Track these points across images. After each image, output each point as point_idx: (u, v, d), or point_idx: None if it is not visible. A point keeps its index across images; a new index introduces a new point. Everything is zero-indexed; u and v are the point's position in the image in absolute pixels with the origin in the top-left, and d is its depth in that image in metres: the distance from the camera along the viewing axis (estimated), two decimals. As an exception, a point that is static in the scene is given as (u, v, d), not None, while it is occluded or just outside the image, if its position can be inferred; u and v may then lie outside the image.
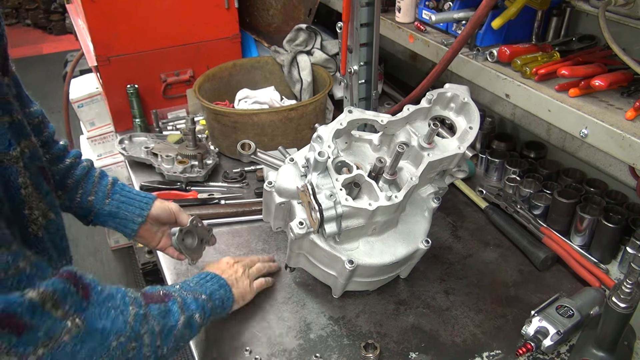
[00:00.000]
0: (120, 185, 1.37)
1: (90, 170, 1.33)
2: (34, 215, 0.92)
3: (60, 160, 1.28)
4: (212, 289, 1.21)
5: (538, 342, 1.24)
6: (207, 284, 1.21)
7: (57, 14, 7.72)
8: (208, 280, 1.23)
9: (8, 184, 0.86)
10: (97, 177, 1.34)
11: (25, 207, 0.90)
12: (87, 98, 3.03)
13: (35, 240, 0.93)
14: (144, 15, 2.16)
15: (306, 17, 2.24)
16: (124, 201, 1.34)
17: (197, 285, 1.19)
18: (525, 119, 1.78)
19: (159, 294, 1.01)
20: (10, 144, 0.86)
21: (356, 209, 1.20)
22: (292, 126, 1.94)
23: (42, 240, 0.94)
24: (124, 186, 1.38)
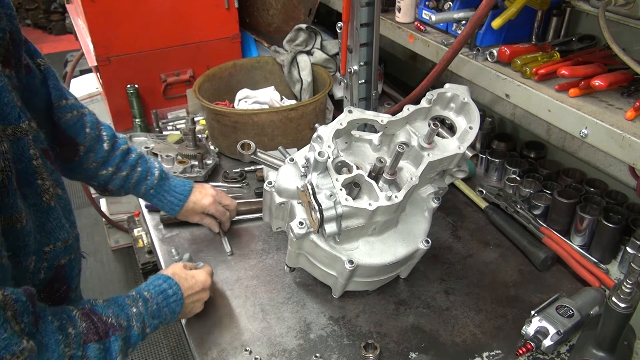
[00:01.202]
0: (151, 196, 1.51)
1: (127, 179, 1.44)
2: (46, 185, 0.96)
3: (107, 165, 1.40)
4: (166, 315, 1.18)
5: (538, 342, 1.24)
6: (165, 309, 1.17)
7: (57, 14, 7.71)
8: (170, 303, 1.19)
9: (22, 155, 0.90)
10: (132, 186, 1.46)
11: (38, 177, 0.94)
12: (87, 98, 3.03)
13: (48, 210, 0.97)
14: (144, 15, 2.16)
15: (306, 17, 2.24)
16: (156, 203, 1.53)
17: (155, 311, 1.14)
18: (525, 119, 1.78)
19: (104, 327, 0.98)
20: (20, 116, 0.90)
21: (356, 209, 1.20)
22: (292, 126, 1.94)
23: (55, 210, 0.99)
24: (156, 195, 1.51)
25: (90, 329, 0.95)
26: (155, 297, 1.15)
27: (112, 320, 1.00)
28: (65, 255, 1.03)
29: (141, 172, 1.46)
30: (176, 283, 1.22)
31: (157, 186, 1.50)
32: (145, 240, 3.13)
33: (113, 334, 0.99)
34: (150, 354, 2.96)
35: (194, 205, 1.56)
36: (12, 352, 0.77)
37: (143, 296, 1.13)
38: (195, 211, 1.57)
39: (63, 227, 1.01)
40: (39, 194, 0.95)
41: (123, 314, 1.04)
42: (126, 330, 1.03)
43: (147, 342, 3.02)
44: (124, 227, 3.42)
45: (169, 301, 1.19)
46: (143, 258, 3.07)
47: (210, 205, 1.57)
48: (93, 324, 0.96)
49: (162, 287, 1.19)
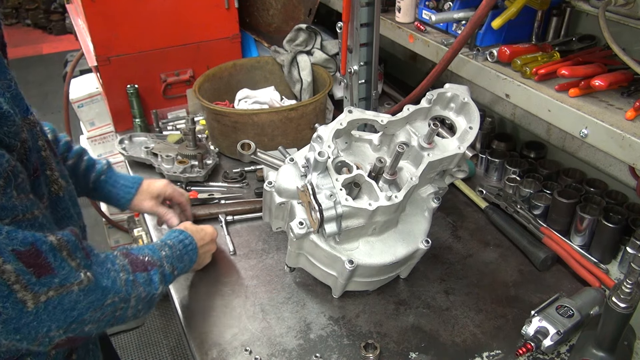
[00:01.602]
0: (102, 183, 1.49)
1: (75, 168, 1.43)
2: (55, 176, 1.00)
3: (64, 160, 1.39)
4: (187, 262, 1.30)
5: (538, 342, 1.24)
6: (185, 256, 1.29)
7: (57, 14, 7.72)
8: (189, 251, 1.31)
9: (33, 146, 0.94)
10: (81, 175, 1.45)
11: (47, 167, 0.98)
12: (87, 98, 3.03)
13: (57, 199, 1.02)
14: (144, 15, 2.16)
15: (306, 17, 2.24)
16: (105, 198, 1.53)
17: (179, 256, 1.26)
18: (525, 119, 1.78)
19: (143, 262, 1.10)
20: (28, 109, 0.95)
21: (356, 209, 1.20)
22: (292, 126, 1.94)
23: (64, 200, 1.03)
24: (105, 184, 1.50)
25: (133, 263, 1.07)
26: (177, 245, 1.27)
27: (149, 258, 1.12)
28: None
29: (88, 160, 1.47)
30: (190, 235, 1.34)
31: (109, 171, 1.51)
32: (145, 240, 3.13)
33: (152, 268, 1.11)
34: (150, 354, 2.96)
35: (148, 187, 1.55)
36: (72, 283, 0.89)
37: (167, 244, 1.25)
38: (151, 194, 1.55)
39: (72, 217, 1.06)
40: (48, 184, 0.98)
41: (156, 255, 1.16)
42: (161, 267, 1.14)
43: (147, 342, 3.03)
44: (124, 227, 3.42)
45: (188, 249, 1.30)
46: (143, 258, 3.06)
47: (166, 186, 1.58)
48: (134, 260, 1.08)
49: (179, 238, 1.31)
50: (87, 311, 0.93)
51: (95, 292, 0.93)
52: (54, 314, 0.87)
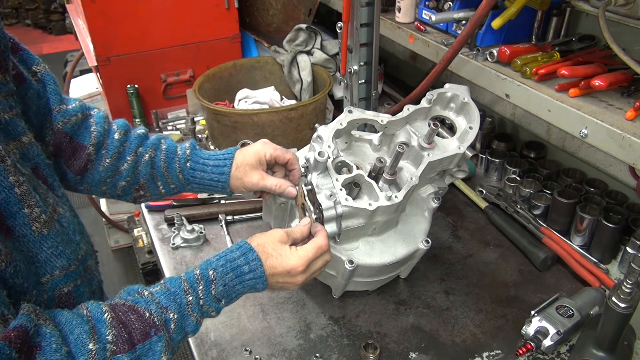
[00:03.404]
0: (190, 172, 1.24)
1: (154, 160, 1.23)
2: (35, 213, 0.85)
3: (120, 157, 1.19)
4: (239, 292, 1.02)
5: (538, 342, 1.24)
6: (237, 287, 1.01)
7: (57, 14, 7.72)
8: (245, 281, 1.01)
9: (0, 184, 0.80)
10: (164, 167, 1.23)
11: (24, 205, 0.83)
12: (87, 98, 3.04)
13: (40, 239, 0.86)
14: (144, 15, 2.16)
15: (306, 17, 2.24)
16: (203, 187, 1.26)
17: (222, 292, 0.99)
18: (525, 119, 1.78)
19: (143, 328, 0.86)
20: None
21: (356, 209, 1.20)
22: (292, 126, 1.94)
23: (49, 238, 0.88)
24: (194, 172, 1.24)
25: (121, 336, 0.83)
26: (222, 277, 0.98)
27: (155, 318, 0.88)
28: (68, 283, 0.92)
29: (168, 148, 1.23)
30: (256, 258, 1.02)
31: (192, 155, 1.24)
32: (145, 240, 3.13)
33: (155, 334, 0.87)
34: (150, 354, 2.96)
35: (244, 157, 1.23)
36: None
37: (206, 278, 0.97)
38: (250, 164, 1.22)
39: (61, 255, 0.90)
40: (27, 223, 0.83)
41: (174, 305, 0.92)
42: (178, 322, 0.91)
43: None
44: (124, 227, 3.42)
45: (244, 279, 1.00)
46: (143, 258, 3.07)
47: (264, 146, 1.24)
48: (126, 329, 0.84)
49: (235, 263, 1.00)
50: None
51: None
52: None
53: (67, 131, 1.12)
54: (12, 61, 0.95)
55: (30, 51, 1.06)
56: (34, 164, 0.94)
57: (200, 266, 1.00)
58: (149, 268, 3.04)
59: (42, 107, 1.07)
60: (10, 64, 0.93)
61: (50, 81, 1.08)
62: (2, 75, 0.89)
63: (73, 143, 1.13)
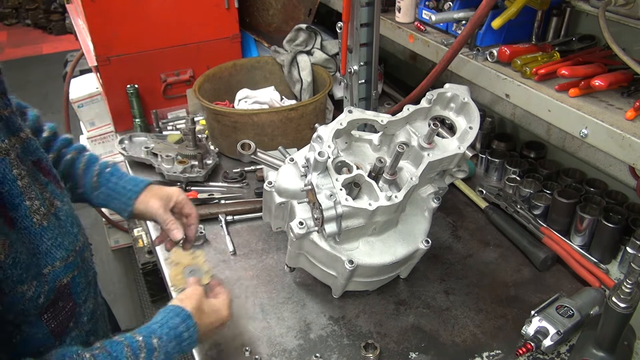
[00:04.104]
0: (107, 175, 1.32)
1: (74, 162, 1.30)
2: (35, 205, 0.90)
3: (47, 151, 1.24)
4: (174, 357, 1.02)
5: (538, 342, 1.24)
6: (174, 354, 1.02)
7: (57, 14, 7.72)
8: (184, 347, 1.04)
9: (4, 178, 0.85)
10: (82, 168, 1.30)
11: (25, 198, 0.88)
12: (87, 98, 3.03)
13: (41, 230, 0.91)
14: (144, 15, 2.16)
15: (306, 17, 2.24)
16: (111, 194, 1.32)
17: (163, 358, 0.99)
18: (525, 119, 1.78)
19: None
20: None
21: (356, 209, 1.20)
22: (292, 126, 1.94)
23: (49, 229, 0.92)
24: (110, 176, 1.32)
25: None
26: (166, 345, 0.99)
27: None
28: (68, 274, 0.97)
29: (90, 155, 1.34)
30: (194, 325, 1.05)
31: (114, 166, 1.35)
32: (145, 240, 3.13)
33: None
34: (150, 354, 2.95)
35: (160, 189, 1.36)
36: None
37: (149, 346, 0.96)
38: (159, 195, 1.34)
39: (60, 246, 0.94)
40: (27, 215, 0.88)
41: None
42: None
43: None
44: (124, 227, 3.42)
45: (182, 344, 1.03)
46: (143, 258, 3.07)
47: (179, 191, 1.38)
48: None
49: (178, 331, 1.02)
50: None
51: None
52: None
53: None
54: None
55: None
56: (35, 157, 0.97)
57: (142, 332, 0.99)
58: (149, 268, 3.04)
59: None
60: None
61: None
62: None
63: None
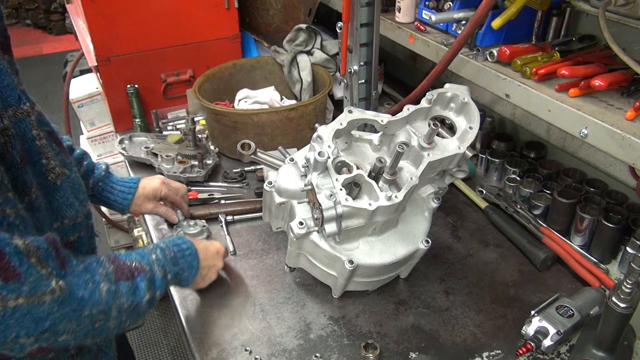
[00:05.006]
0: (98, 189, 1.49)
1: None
2: (51, 165, 1.00)
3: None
4: (184, 266, 1.24)
5: (538, 342, 1.24)
6: (181, 260, 1.23)
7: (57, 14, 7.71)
8: (186, 255, 1.25)
9: (24, 136, 0.94)
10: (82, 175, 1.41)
11: (42, 156, 0.98)
12: (87, 98, 3.03)
13: (55, 188, 1.01)
14: (144, 15, 2.16)
15: (306, 17, 2.24)
16: (104, 204, 1.53)
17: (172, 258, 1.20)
18: (525, 119, 1.78)
19: (129, 269, 1.05)
20: (20, 98, 0.94)
21: (356, 209, 1.20)
22: (292, 126, 1.94)
23: (61, 188, 1.02)
24: (102, 191, 1.50)
25: (119, 269, 1.02)
26: (171, 247, 1.21)
27: (136, 264, 1.07)
28: (75, 233, 1.08)
29: (88, 165, 1.46)
30: (189, 240, 1.28)
31: (105, 177, 1.50)
32: (145, 240, 3.13)
33: (139, 275, 1.06)
34: (150, 354, 2.96)
35: (144, 190, 1.56)
36: (43, 292, 0.85)
37: (159, 246, 1.19)
38: (147, 196, 1.57)
39: (71, 206, 1.05)
40: (43, 173, 0.98)
41: (145, 260, 1.11)
42: (150, 272, 1.09)
43: (147, 342, 3.03)
44: (124, 227, 3.42)
45: (185, 253, 1.24)
46: (143, 258, 3.07)
47: (160, 185, 1.58)
48: (120, 266, 1.03)
49: (176, 241, 1.25)
50: (61, 322, 0.89)
51: (70, 303, 0.89)
52: (22, 321, 0.83)
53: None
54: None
55: None
56: (49, 128, 1.06)
57: (152, 245, 1.21)
58: (149, 268, 3.04)
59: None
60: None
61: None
62: (10, 56, 1.00)
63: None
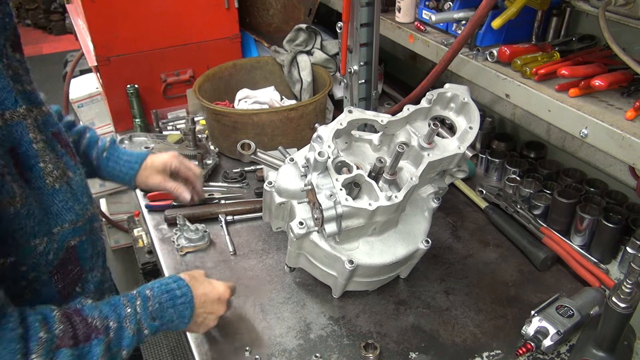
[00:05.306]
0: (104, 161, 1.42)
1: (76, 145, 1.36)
2: (49, 168, 0.97)
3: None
4: (172, 317, 1.10)
5: (538, 342, 1.24)
6: (170, 310, 1.09)
7: (57, 14, 7.71)
8: (178, 304, 1.10)
9: (21, 139, 0.92)
10: (83, 152, 1.38)
11: (40, 160, 0.95)
12: (87, 98, 3.03)
13: (53, 192, 0.98)
14: (144, 15, 2.16)
15: (306, 17, 2.24)
16: (111, 176, 1.45)
17: (157, 310, 1.06)
18: (525, 119, 1.78)
19: (86, 329, 0.94)
20: (17, 101, 0.92)
21: (356, 209, 1.20)
22: (292, 126, 1.94)
23: (61, 192, 1.00)
24: (108, 161, 1.42)
25: (67, 332, 0.91)
26: (159, 296, 1.07)
27: (97, 322, 0.96)
28: (75, 237, 1.03)
29: (91, 137, 1.41)
30: (187, 284, 1.13)
31: (111, 148, 1.43)
32: (145, 240, 3.13)
33: (96, 337, 0.94)
34: (150, 354, 2.96)
35: (153, 162, 1.46)
36: None
37: (143, 295, 1.06)
38: (156, 168, 1.45)
39: (70, 209, 1.02)
40: (41, 176, 0.96)
41: (114, 315, 0.99)
42: (116, 332, 0.98)
43: (147, 342, 3.02)
44: (124, 227, 3.42)
45: (176, 302, 1.10)
46: (143, 258, 3.06)
47: (172, 158, 1.47)
48: (72, 327, 0.92)
49: (169, 287, 1.11)
50: None
51: None
52: None
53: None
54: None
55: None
56: (56, 129, 1.04)
57: (138, 289, 1.09)
58: (149, 268, 3.04)
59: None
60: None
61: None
62: (21, 55, 1.00)
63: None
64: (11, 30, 0.99)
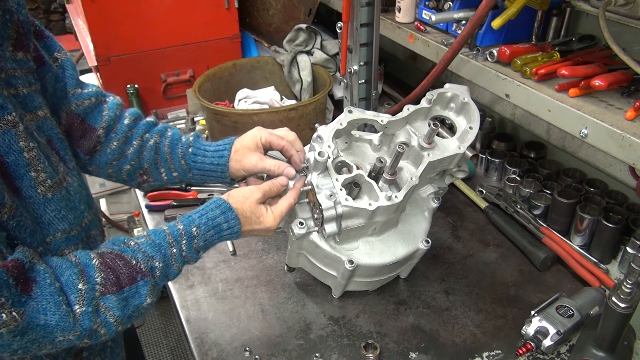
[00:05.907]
0: (191, 157, 1.28)
1: (159, 146, 1.27)
2: (41, 178, 0.93)
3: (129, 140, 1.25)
4: (213, 244, 1.10)
5: (538, 342, 1.24)
6: (214, 242, 1.09)
7: (57, 14, 7.70)
8: (224, 237, 1.09)
9: (9, 148, 0.88)
10: (168, 152, 1.27)
11: (31, 169, 0.91)
12: (87, 98, 3.03)
13: (45, 202, 0.94)
14: (144, 15, 2.16)
15: (306, 17, 2.24)
16: (204, 173, 1.29)
17: (202, 247, 1.07)
18: (525, 119, 1.78)
19: (130, 271, 0.94)
20: (4, 108, 0.88)
21: (356, 209, 1.20)
22: (292, 126, 1.93)
23: (52, 201, 0.96)
24: (195, 157, 1.28)
25: (109, 279, 0.91)
26: (204, 234, 1.06)
27: (141, 265, 0.96)
28: (69, 246, 1.00)
29: (173, 135, 1.29)
30: (235, 217, 1.09)
31: (195, 142, 1.29)
32: (145, 240, 3.12)
33: (142, 279, 0.95)
34: (150, 354, 2.96)
35: (242, 141, 1.28)
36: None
37: (189, 233, 1.04)
38: (247, 146, 1.26)
39: (64, 219, 0.98)
40: (33, 186, 0.92)
41: (159, 255, 0.99)
42: (162, 270, 0.99)
43: (147, 342, 3.02)
44: (124, 227, 3.42)
45: (222, 234, 1.09)
46: (143, 258, 3.06)
47: (258, 131, 1.28)
48: (114, 272, 0.92)
49: (216, 221, 1.07)
50: (30, 348, 0.84)
51: (33, 331, 0.82)
52: None
53: (79, 113, 1.19)
54: (34, 44, 1.05)
55: (54, 38, 1.15)
56: (48, 136, 1.01)
57: (183, 222, 1.06)
58: (149, 268, 3.04)
59: (60, 90, 1.15)
60: (32, 45, 1.03)
61: (69, 66, 1.18)
62: (24, 54, 0.97)
63: (84, 124, 1.20)
64: (12, 27, 0.95)
